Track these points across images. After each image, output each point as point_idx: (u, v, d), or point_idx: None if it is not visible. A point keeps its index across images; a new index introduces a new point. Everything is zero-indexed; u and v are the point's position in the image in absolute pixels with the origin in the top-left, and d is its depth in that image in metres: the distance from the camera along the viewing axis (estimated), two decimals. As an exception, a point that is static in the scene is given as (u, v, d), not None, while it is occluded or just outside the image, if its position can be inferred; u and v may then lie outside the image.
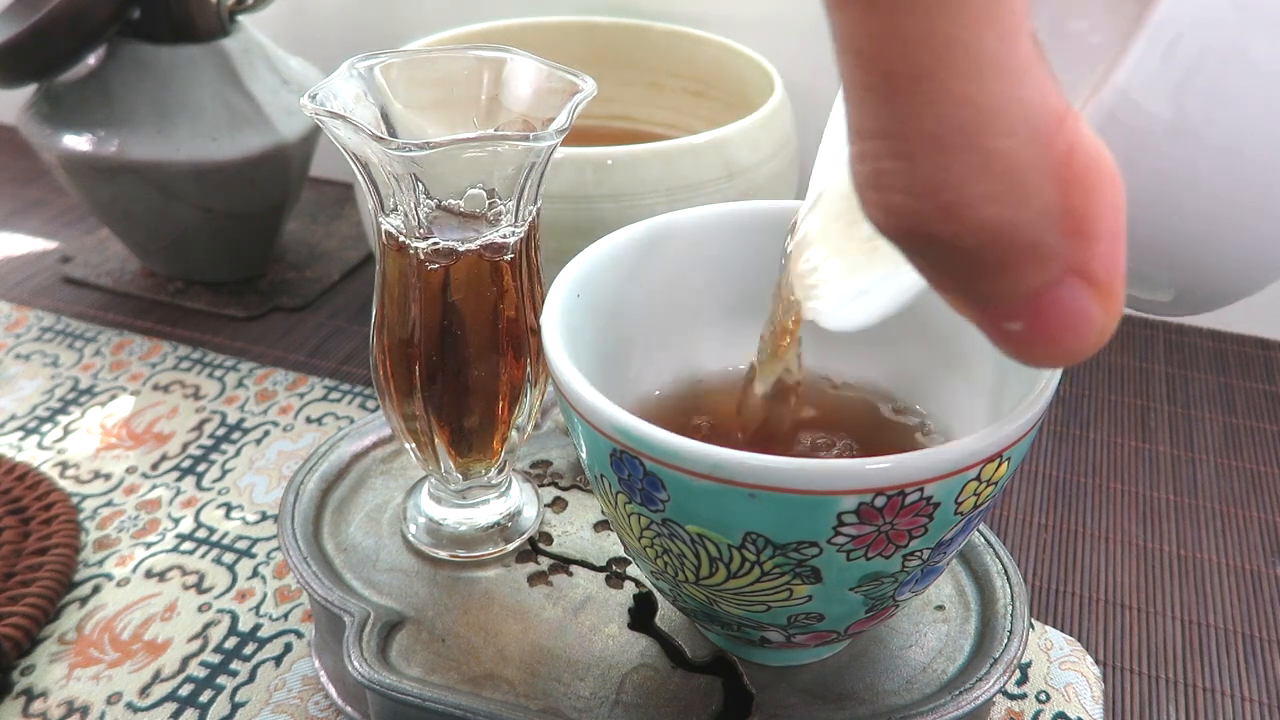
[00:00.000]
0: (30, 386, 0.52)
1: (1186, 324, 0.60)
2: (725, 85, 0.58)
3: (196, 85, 0.53)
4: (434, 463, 0.34)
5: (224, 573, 0.41)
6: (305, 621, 0.39)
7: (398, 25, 0.68)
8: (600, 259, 0.32)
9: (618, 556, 0.36)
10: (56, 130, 0.53)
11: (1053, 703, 0.36)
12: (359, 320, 0.58)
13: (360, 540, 0.36)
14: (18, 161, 0.76)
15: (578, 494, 0.38)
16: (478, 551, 0.35)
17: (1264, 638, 0.40)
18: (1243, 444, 0.50)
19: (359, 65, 0.30)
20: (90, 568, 0.42)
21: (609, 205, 0.45)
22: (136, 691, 0.36)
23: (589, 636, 0.33)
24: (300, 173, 0.58)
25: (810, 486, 0.23)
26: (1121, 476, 0.48)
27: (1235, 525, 0.45)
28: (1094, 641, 0.39)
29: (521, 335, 0.32)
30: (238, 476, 0.46)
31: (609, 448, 0.26)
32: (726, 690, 0.32)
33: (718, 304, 0.35)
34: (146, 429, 0.49)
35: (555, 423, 0.42)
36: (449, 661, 0.32)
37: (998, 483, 0.26)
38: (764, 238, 0.34)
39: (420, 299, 0.31)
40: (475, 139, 0.28)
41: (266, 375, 0.53)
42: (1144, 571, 0.43)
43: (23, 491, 0.44)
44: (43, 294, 0.60)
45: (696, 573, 0.27)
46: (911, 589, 0.28)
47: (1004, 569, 0.34)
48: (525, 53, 0.32)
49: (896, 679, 0.32)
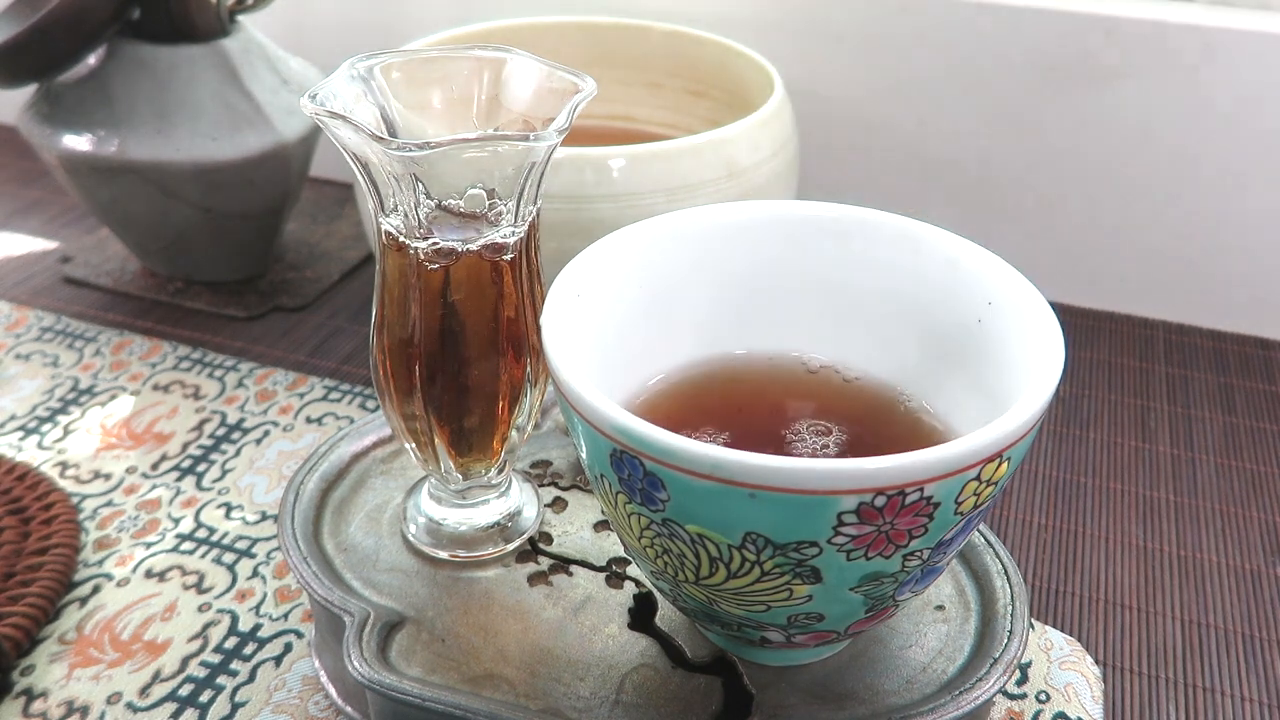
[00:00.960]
0: (30, 386, 0.52)
1: (1186, 324, 0.60)
2: (725, 85, 0.58)
3: (196, 85, 0.53)
4: (434, 463, 0.34)
5: (224, 573, 0.41)
6: (305, 621, 0.39)
7: (398, 25, 0.68)
8: (600, 259, 0.32)
9: (618, 556, 0.36)
10: (56, 130, 0.53)
11: (1053, 703, 0.36)
12: (359, 320, 0.58)
13: (360, 540, 0.36)
14: (18, 161, 0.76)
15: (578, 494, 0.38)
16: (478, 551, 0.35)
17: (1264, 638, 0.40)
18: (1243, 444, 0.50)
19: (359, 65, 0.30)
20: (90, 568, 0.42)
21: (609, 205, 0.45)
22: (136, 691, 0.36)
23: (589, 636, 0.33)
24: (300, 173, 0.58)
25: (810, 486, 0.23)
26: (1121, 476, 0.48)
27: (1235, 525, 0.45)
28: (1094, 641, 0.39)
29: (521, 335, 0.32)
30: (238, 476, 0.46)
31: (609, 448, 0.26)
32: (726, 690, 0.32)
33: (718, 304, 0.35)
34: (146, 429, 0.49)
35: (555, 423, 0.42)
36: (449, 661, 0.32)
37: (998, 483, 0.26)
38: (764, 238, 0.34)
39: (420, 299, 0.31)
40: (475, 139, 0.28)
41: (266, 375, 0.53)
42: (1144, 571, 0.43)
43: (23, 491, 0.44)
44: (43, 294, 0.60)
45: (696, 573, 0.27)
46: (911, 589, 0.28)
47: (1004, 569, 0.34)
48: (525, 53, 0.32)
49: (896, 679, 0.32)
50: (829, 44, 0.60)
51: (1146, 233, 0.59)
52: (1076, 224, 0.60)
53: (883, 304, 0.34)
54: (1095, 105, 0.56)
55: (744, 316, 0.35)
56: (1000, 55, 0.57)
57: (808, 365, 0.35)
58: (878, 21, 0.59)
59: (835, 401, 0.34)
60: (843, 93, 0.61)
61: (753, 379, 0.35)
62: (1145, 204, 0.58)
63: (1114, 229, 0.59)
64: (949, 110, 0.59)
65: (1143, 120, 0.56)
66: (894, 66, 0.59)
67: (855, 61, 0.60)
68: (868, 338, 0.34)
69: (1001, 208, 0.61)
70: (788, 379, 0.35)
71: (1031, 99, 0.57)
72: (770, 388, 0.34)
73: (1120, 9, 0.55)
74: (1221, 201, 0.57)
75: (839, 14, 0.59)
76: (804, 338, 0.35)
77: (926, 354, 0.33)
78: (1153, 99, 0.55)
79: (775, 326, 0.35)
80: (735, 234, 0.34)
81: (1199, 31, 0.53)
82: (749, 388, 0.34)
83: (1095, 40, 0.55)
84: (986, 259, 0.32)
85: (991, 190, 0.61)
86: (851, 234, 0.34)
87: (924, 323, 0.33)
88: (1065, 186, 0.59)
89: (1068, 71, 0.56)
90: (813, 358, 0.35)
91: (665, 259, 0.33)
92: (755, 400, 0.34)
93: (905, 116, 0.61)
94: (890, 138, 0.61)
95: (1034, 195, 0.60)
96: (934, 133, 0.60)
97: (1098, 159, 0.58)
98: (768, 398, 0.34)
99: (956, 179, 0.61)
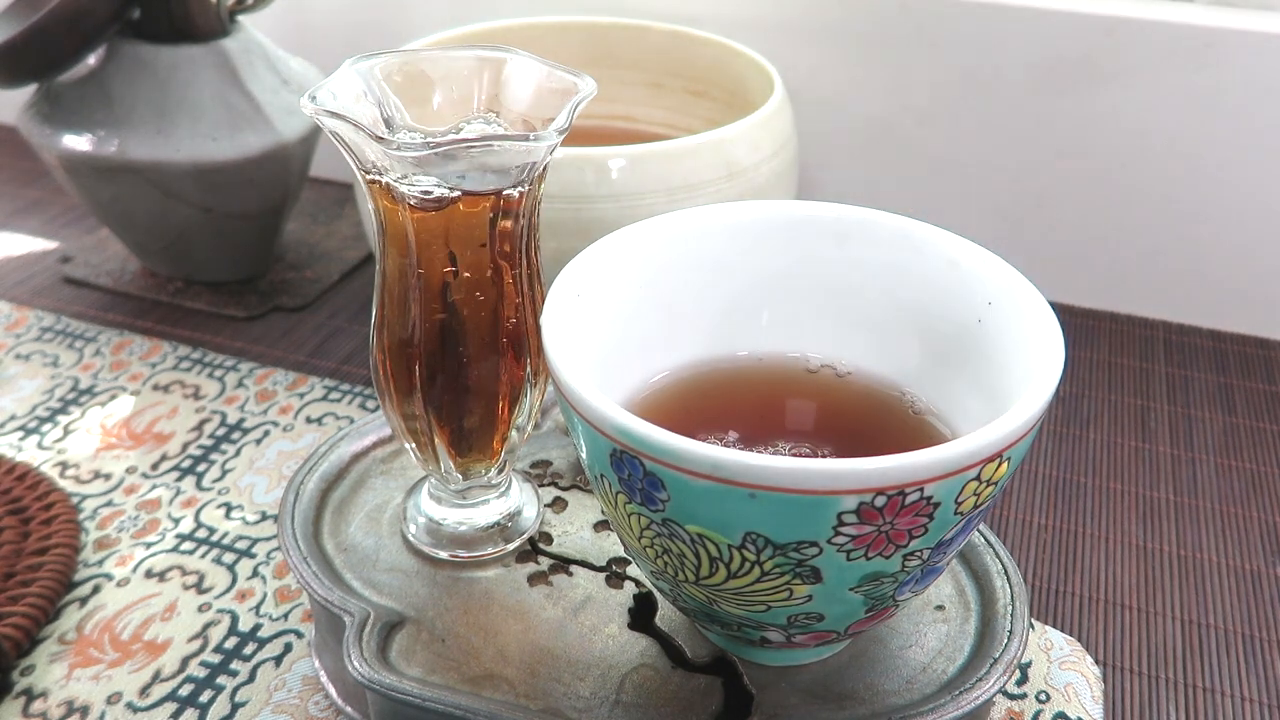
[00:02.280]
0: (30, 386, 0.52)
1: (1186, 324, 0.60)
2: (725, 85, 0.58)
3: (196, 85, 0.53)
4: (434, 463, 0.34)
5: (224, 573, 0.41)
6: (305, 621, 0.39)
7: (398, 25, 0.68)
8: (600, 259, 0.32)
9: (618, 556, 0.36)
10: (56, 130, 0.53)
11: (1053, 703, 0.36)
12: (359, 320, 0.58)
13: (360, 540, 0.36)
14: (18, 161, 0.76)
15: (578, 494, 0.38)
16: (478, 551, 0.35)
17: (1264, 638, 0.40)
18: (1243, 444, 0.50)
19: (359, 65, 0.30)
20: (90, 568, 0.42)
21: (609, 205, 0.45)
22: (136, 691, 0.36)
23: (589, 636, 0.33)
24: (300, 173, 0.58)
25: (810, 486, 0.23)
26: (1121, 476, 0.48)
27: (1235, 525, 0.45)
28: (1094, 641, 0.39)
29: (521, 335, 0.32)
30: (238, 476, 0.46)
31: (609, 448, 0.26)
32: (726, 690, 0.32)
33: (718, 304, 0.35)
34: (146, 429, 0.49)
35: (555, 423, 0.42)
36: (449, 661, 0.32)
37: (998, 483, 0.26)
38: (764, 238, 0.34)
39: (420, 299, 0.31)
40: (475, 139, 0.28)
41: (266, 375, 0.53)
42: (1144, 571, 0.43)
43: (23, 491, 0.44)
44: (43, 294, 0.60)
45: (696, 573, 0.27)
46: (911, 589, 0.28)
47: (1004, 569, 0.34)
48: (525, 53, 0.32)
49: (896, 679, 0.32)
50: (829, 44, 0.60)
51: (1146, 233, 0.59)
52: (1076, 224, 0.60)
53: (883, 304, 0.34)
54: (1095, 105, 0.56)
55: (744, 317, 0.35)
56: (1000, 55, 0.57)
57: (808, 365, 0.35)
58: (878, 21, 0.59)
59: (835, 400, 0.34)
60: (843, 93, 0.61)
61: (753, 378, 0.35)
62: (1145, 204, 0.58)
63: (1114, 229, 0.59)
64: (949, 110, 0.59)
65: (1143, 120, 0.56)
66: (894, 66, 0.59)
67: (855, 61, 0.60)
68: (868, 338, 0.34)
69: (1001, 208, 0.61)
70: (788, 379, 0.35)
71: (1031, 99, 0.57)
72: (771, 387, 0.34)
73: (1120, 9, 0.55)
74: (1221, 201, 0.57)
75: (839, 14, 0.59)
76: (804, 338, 0.35)
77: (927, 354, 0.33)
78: (1153, 99, 0.55)
79: (775, 326, 0.35)
80: (735, 234, 0.34)
81: (1199, 31, 0.53)
82: (749, 388, 0.34)
83: (1095, 40, 0.55)
84: (986, 259, 0.32)
85: (991, 190, 0.61)
86: (851, 234, 0.34)
87: (924, 323, 0.33)
88: (1065, 186, 0.59)
89: (1068, 71, 0.56)
90: (812, 357, 0.35)
91: (665, 259, 0.33)
92: (756, 400, 0.34)
93: (905, 116, 0.61)
94: (890, 138, 0.61)
95: (1034, 195, 0.60)
96: (934, 133, 0.60)
97: (1098, 159, 0.58)
98: (768, 397, 0.34)
99: (956, 179, 0.61)
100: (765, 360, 0.35)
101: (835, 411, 0.33)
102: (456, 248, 0.30)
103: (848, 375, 0.34)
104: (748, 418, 0.33)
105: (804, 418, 0.34)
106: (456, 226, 0.30)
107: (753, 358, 0.35)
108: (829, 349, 0.35)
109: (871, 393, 0.34)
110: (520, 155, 0.29)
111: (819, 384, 0.34)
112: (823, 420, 0.33)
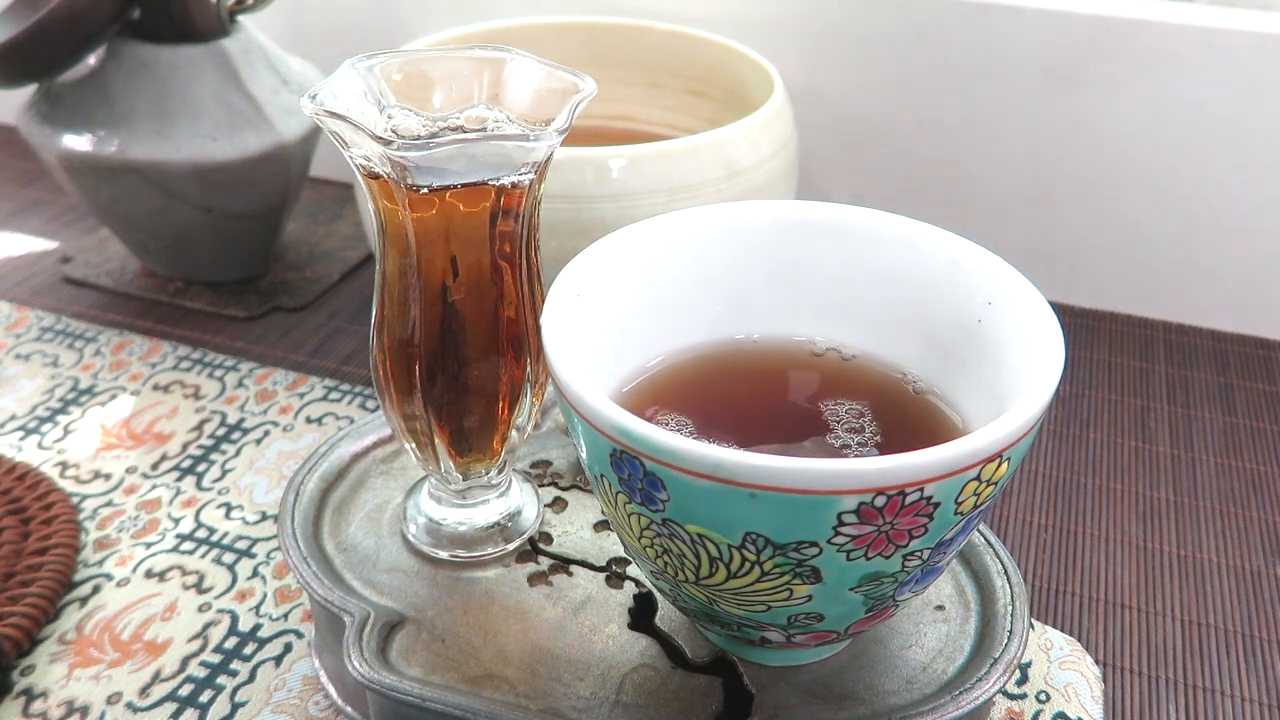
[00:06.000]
0: (30, 386, 0.52)
1: (1187, 324, 0.60)
2: (725, 85, 0.58)
3: (196, 85, 0.53)
4: (434, 463, 0.34)
5: (224, 573, 0.41)
6: (305, 621, 0.39)
7: (398, 25, 0.68)
8: (600, 259, 0.32)
9: (618, 556, 0.36)
10: (56, 130, 0.53)
11: (1053, 703, 0.36)
12: (359, 320, 0.58)
13: (360, 540, 0.36)
14: (18, 161, 0.76)
15: (578, 494, 0.38)
16: (478, 551, 0.35)
17: (1264, 638, 0.40)
18: (1243, 444, 0.50)
19: (359, 65, 0.30)
20: (90, 568, 0.42)
21: (609, 205, 0.45)
22: (136, 691, 0.36)
23: (589, 636, 0.33)
24: (300, 173, 0.58)
25: (810, 486, 0.23)
26: (1121, 476, 0.48)
27: (1235, 525, 0.45)
28: (1094, 641, 0.39)
29: (521, 335, 0.32)
30: (238, 476, 0.46)
31: (609, 448, 0.26)
32: (726, 690, 0.32)
33: (718, 303, 0.35)
34: (146, 429, 0.49)
35: (555, 423, 0.42)
36: (449, 661, 0.32)
37: (998, 483, 0.26)
38: (764, 238, 0.34)
39: (420, 299, 0.31)
40: (475, 139, 0.28)
41: (266, 375, 0.53)
42: (1144, 571, 0.43)
43: (23, 491, 0.44)
44: (43, 294, 0.60)
45: (696, 573, 0.27)
46: (911, 589, 0.28)
47: (1004, 569, 0.34)
48: (525, 53, 0.32)
49: (896, 679, 0.32)
50: (829, 44, 0.60)
51: (1146, 233, 0.59)
52: (1076, 224, 0.60)
53: (883, 304, 0.34)
54: (1095, 105, 0.56)
55: (744, 315, 0.35)
56: (1000, 55, 0.57)
57: (819, 339, 0.35)
58: (878, 21, 0.59)
59: (846, 370, 0.34)
60: (843, 93, 0.61)
61: (754, 377, 0.35)
62: (1145, 204, 0.58)
63: (1114, 229, 0.59)
64: (949, 110, 0.59)
65: (1142, 120, 0.56)
66: (894, 66, 0.59)
67: (855, 61, 0.60)
68: (868, 337, 0.34)
69: (1001, 208, 0.61)
70: (788, 376, 0.35)
71: (1031, 99, 0.57)
72: (771, 386, 0.34)
73: (1120, 9, 0.55)
74: (1221, 201, 0.57)
75: (839, 14, 0.59)
76: (804, 337, 0.35)
77: (927, 354, 0.33)
78: (1153, 99, 0.55)
79: (775, 326, 0.35)
80: (735, 234, 0.34)
81: (1199, 31, 0.53)
82: (750, 386, 0.34)
83: (1095, 40, 0.55)
84: (986, 259, 0.32)
85: (991, 190, 0.61)
86: (851, 234, 0.34)
87: (924, 323, 0.33)
88: (1065, 186, 0.59)
89: (1067, 71, 0.56)
90: (812, 354, 0.35)
91: (665, 259, 0.33)
92: (757, 400, 0.34)
93: (905, 116, 0.61)
94: (890, 138, 0.61)
95: (1033, 195, 0.60)
96: (934, 133, 0.60)
97: (1098, 159, 0.58)
98: (769, 396, 0.34)
99: (955, 179, 0.61)
100: (766, 357, 0.35)
101: (848, 380, 0.33)
102: (457, 248, 0.30)
103: (852, 359, 0.34)
104: (749, 416, 0.33)
105: (806, 415, 0.34)
106: (456, 226, 0.30)
107: (753, 355, 0.35)
108: (839, 325, 0.35)
109: (883, 365, 0.34)
110: (520, 154, 0.29)
111: (818, 380, 0.34)
112: (824, 416, 0.33)
